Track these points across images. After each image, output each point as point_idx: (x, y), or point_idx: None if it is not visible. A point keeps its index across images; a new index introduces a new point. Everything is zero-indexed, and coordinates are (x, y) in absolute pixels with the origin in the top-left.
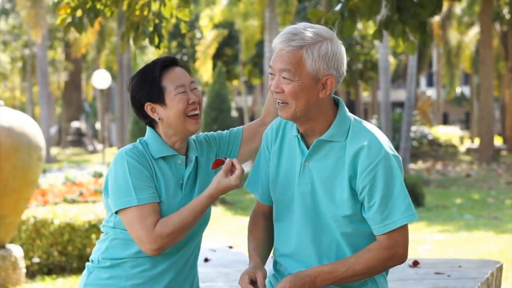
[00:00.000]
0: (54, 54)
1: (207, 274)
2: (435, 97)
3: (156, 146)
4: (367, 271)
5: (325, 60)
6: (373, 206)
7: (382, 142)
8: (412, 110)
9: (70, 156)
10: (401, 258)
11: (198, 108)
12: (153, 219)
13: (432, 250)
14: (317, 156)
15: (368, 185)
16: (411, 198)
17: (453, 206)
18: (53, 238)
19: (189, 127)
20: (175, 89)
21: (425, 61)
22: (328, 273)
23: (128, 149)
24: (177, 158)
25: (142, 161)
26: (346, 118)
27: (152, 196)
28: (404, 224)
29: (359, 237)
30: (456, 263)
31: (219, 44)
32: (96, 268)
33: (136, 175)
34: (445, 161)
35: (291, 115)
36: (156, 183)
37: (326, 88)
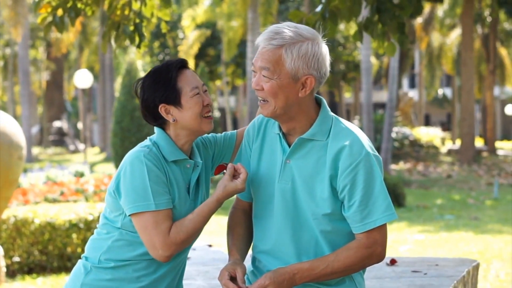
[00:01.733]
0: (35, 53)
1: (187, 272)
2: (417, 99)
3: (169, 149)
4: (346, 269)
5: (304, 60)
6: (353, 205)
7: (363, 142)
8: (393, 111)
9: (51, 155)
10: (379, 257)
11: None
12: (168, 225)
13: (412, 250)
14: (298, 154)
15: (349, 184)
16: (392, 199)
17: (434, 207)
18: (33, 237)
19: (204, 128)
20: (191, 90)
21: (407, 63)
22: (307, 270)
23: (146, 152)
24: (186, 162)
25: (159, 165)
26: (328, 118)
27: (168, 202)
28: (383, 224)
29: (338, 235)
30: (433, 261)
31: (201, 44)
32: (96, 268)
33: (154, 180)
34: (426, 162)
35: (271, 112)
36: (170, 187)
37: (306, 88)
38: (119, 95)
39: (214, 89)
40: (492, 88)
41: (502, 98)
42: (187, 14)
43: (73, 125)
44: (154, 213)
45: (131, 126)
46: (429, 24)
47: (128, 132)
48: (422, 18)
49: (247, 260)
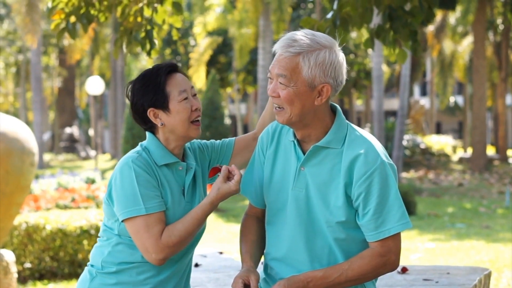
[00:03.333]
0: (48, 60)
1: (197, 279)
2: (429, 106)
3: (159, 153)
4: (360, 277)
5: (321, 68)
6: (367, 213)
7: (379, 150)
8: (405, 119)
9: (63, 162)
10: (393, 266)
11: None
12: (160, 229)
13: (423, 258)
14: (313, 161)
15: (364, 193)
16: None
17: (445, 215)
18: (45, 244)
19: (191, 133)
20: (179, 95)
21: (419, 70)
22: (321, 278)
23: (134, 158)
24: (178, 165)
25: (148, 169)
26: (343, 125)
27: (159, 205)
28: (397, 232)
29: (351, 243)
30: (445, 270)
31: (213, 51)
32: (100, 273)
33: (144, 184)
34: (437, 170)
35: (286, 119)
36: (162, 190)
37: (322, 96)
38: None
39: (225, 96)
40: (504, 96)
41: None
42: (199, 21)
43: (85, 131)
44: (145, 217)
45: (142, 133)
46: (441, 31)
47: (139, 139)
48: (434, 25)
49: (259, 268)
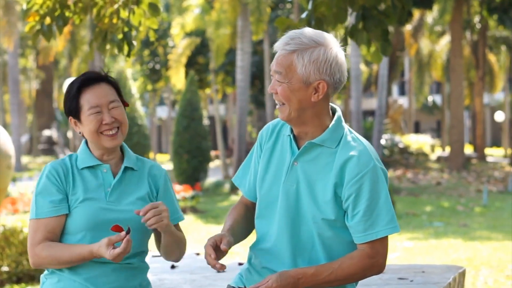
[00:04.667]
0: (25, 62)
1: (174, 281)
2: (407, 106)
3: (82, 157)
4: (348, 277)
5: (316, 65)
6: (356, 214)
7: (372, 154)
8: (383, 119)
9: (41, 164)
10: (380, 268)
11: (117, 126)
12: (41, 236)
13: (401, 257)
14: (307, 157)
15: (354, 194)
16: None
17: (423, 214)
18: (22, 247)
19: (105, 144)
20: (89, 109)
21: (396, 70)
22: (311, 275)
23: (54, 163)
24: (102, 167)
25: (58, 178)
26: (341, 127)
27: (50, 212)
28: (386, 236)
29: (335, 242)
30: (420, 268)
31: (191, 52)
32: (48, 275)
33: (41, 191)
34: (415, 169)
35: (286, 115)
36: (71, 190)
37: (318, 92)
38: None
39: (204, 97)
40: (481, 95)
41: (491, 105)
42: (177, 22)
43: (63, 133)
44: (34, 221)
45: None
46: (419, 31)
47: None
48: (411, 25)
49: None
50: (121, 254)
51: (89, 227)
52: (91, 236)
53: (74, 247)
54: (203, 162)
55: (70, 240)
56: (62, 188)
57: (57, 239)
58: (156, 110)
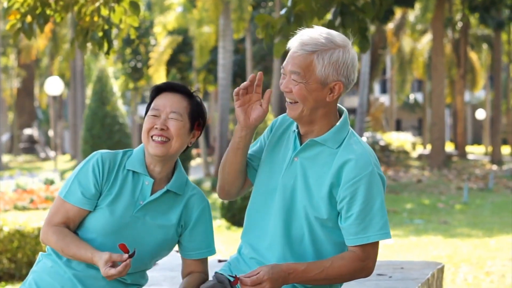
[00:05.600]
0: (6, 60)
1: (153, 278)
2: (388, 104)
3: (134, 159)
4: (337, 277)
5: (335, 67)
6: (350, 217)
7: (371, 159)
8: (364, 116)
9: (22, 163)
10: (369, 271)
11: (168, 137)
12: (60, 219)
13: (381, 254)
14: (307, 154)
15: (349, 196)
16: None
17: (404, 211)
18: (2, 245)
19: (150, 149)
20: (151, 109)
21: (378, 68)
22: (302, 272)
23: (104, 152)
24: (145, 179)
25: (101, 170)
26: (345, 129)
27: (77, 201)
28: (377, 241)
29: (325, 241)
30: (399, 265)
31: (173, 50)
32: (45, 255)
33: (81, 178)
34: (396, 167)
35: (298, 114)
36: (108, 189)
37: (333, 93)
38: (90, 102)
39: None
40: (462, 93)
41: (472, 103)
42: (159, 21)
43: (44, 132)
44: (61, 200)
45: (101, 133)
46: (400, 29)
47: (99, 139)
48: (393, 23)
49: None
50: (115, 276)
51: (104, 233)
52: (102, 241)
53: (80, 246)
54: (184, 160)
55: (82, 235)
56: (100, 184)
57: (74, 227)
58: (137, 109)
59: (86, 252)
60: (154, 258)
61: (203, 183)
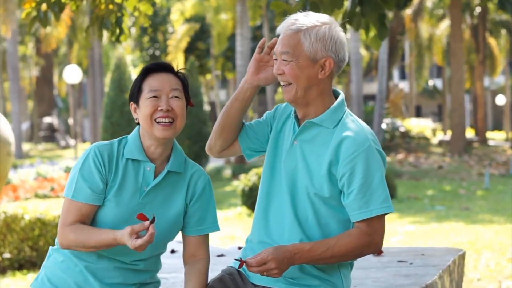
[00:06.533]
0: (25, 49)
1: (173, 265)
2: (408, 90)
3: (131, 146)
4: (344, 254)
5: (322, 42)
6: (351, 193)
7: (369, 136)
8: (383, 103)
9: (42, 151)
10: (377, 246)
11: (173, 117)
12: (73, 218)
13: (402, 241)
14: (305, 136)
15: (348, 173)
16: None
17: (425, 198)
18: (23, 234)
19: (156, 133)
20: (148, 92)
21: (397, 54)
22: (308, 251)
23: (100, 144)
24: (146, 164)
25: (102, 162)
26: (341, 110)
27: (87, 197)
28: (382, 214)
29: (331, 220)
30: (420, 251)
31: (191, 38)
32: (55, 250)
33: (84, 174)
34: (417, 153)
35: (293, 95)
36: (111, 179)
37: (325, 70)
38: (109, 90)
39: (205, 83)
40: (482, 78)
41: (492, 89)
42: (176, 8)
43: (64, 120)
44: (70, 200)
45: (121, 121)
46: (418, 15)
47: (118, 127)
48: (411, 9)
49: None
50: (144, 245)
51: (114, 224)
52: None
53: (100, 233)
54: (204, 148)
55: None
56: (104, 175)
57: (88, 222)
58: None
59: (108, 236)
60: (167, 241)
61: (223, 171)
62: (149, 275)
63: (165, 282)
